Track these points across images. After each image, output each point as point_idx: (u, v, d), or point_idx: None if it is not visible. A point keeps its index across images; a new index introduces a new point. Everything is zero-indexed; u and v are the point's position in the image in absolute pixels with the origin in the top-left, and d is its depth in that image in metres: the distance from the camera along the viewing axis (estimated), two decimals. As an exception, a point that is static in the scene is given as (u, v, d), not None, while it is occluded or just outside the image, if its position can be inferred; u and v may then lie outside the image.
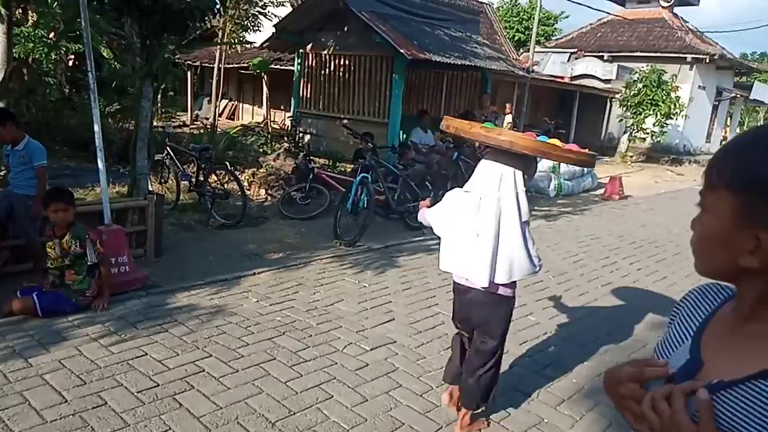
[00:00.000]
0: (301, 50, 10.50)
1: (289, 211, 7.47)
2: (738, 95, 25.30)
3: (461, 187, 2.83)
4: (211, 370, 3.27)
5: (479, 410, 2.88)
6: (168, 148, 7.41)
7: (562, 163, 11.21)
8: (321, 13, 9.76)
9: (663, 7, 22.02)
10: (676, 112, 17.66)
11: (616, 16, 21.93)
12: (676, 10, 22.59)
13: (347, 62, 10.00)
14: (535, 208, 9.57)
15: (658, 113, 17.48)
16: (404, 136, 10.47)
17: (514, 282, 2.71)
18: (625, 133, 18.91)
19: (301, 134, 10.59)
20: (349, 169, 8.89)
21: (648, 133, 18.16)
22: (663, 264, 6.55)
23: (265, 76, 13.94)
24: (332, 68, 10.22)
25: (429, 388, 3.28)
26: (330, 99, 10.36)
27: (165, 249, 5.52)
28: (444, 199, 2.84)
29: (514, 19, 31.31)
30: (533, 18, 18.11)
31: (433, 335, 3.98)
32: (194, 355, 3.43)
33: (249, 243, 6.09)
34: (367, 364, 3.50)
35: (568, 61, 21.22)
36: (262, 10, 11.30)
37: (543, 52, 21.65)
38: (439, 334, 3.98)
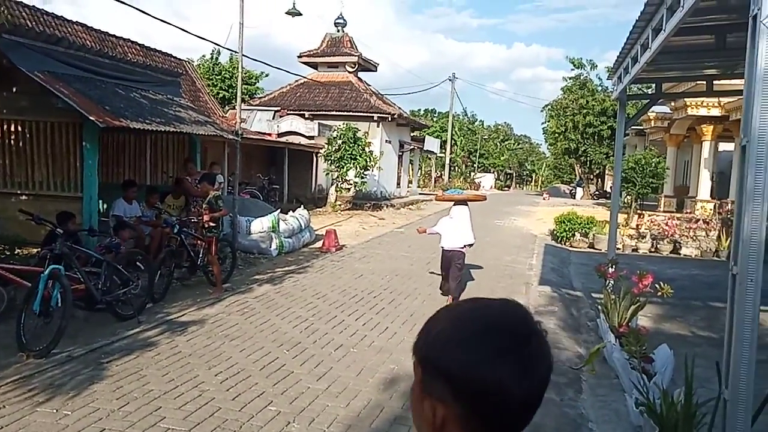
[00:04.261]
0: (-49, 113, 8.41)
1: (-55, 323, 5.73)
2: (415, 147, 30.14)
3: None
4: None
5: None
6: None
7: (283, 222, 11.42)
8: (-23, 69, 8.00)
9: (349, 72, 24.95)
10: (372, 164, 20.05)
11: (311, 79, 23.91)
12: (360, 74, 25.87)
13: (21, 128, 8.38)
14: (259, 271, 9.44)
15: (357, 166, 19.56)
16: (105, 207, 9.24)
17: (465, 245, 7.77)
18: (332, 185, 20.53)
19: (-42, 217, 8.39)
20: (34, 252, 7.35)
21: (351, 184, 20.16)
22: (382, 314, 7.08)
23: None
24: (0, 135, 8.44)
25: None
26: (0, 171, 8.51)
27: None
28: (440, 222, 7.90)
29: (217, 77, 31.44)
30: (235, 77, 18.34)
31: (162, 463, 3.39)
32: None
33: None
34: None
35: (273, 118, 22.14)
36: None
37: (249, 109, 22.14)
38: (170, 460, 3.42)
